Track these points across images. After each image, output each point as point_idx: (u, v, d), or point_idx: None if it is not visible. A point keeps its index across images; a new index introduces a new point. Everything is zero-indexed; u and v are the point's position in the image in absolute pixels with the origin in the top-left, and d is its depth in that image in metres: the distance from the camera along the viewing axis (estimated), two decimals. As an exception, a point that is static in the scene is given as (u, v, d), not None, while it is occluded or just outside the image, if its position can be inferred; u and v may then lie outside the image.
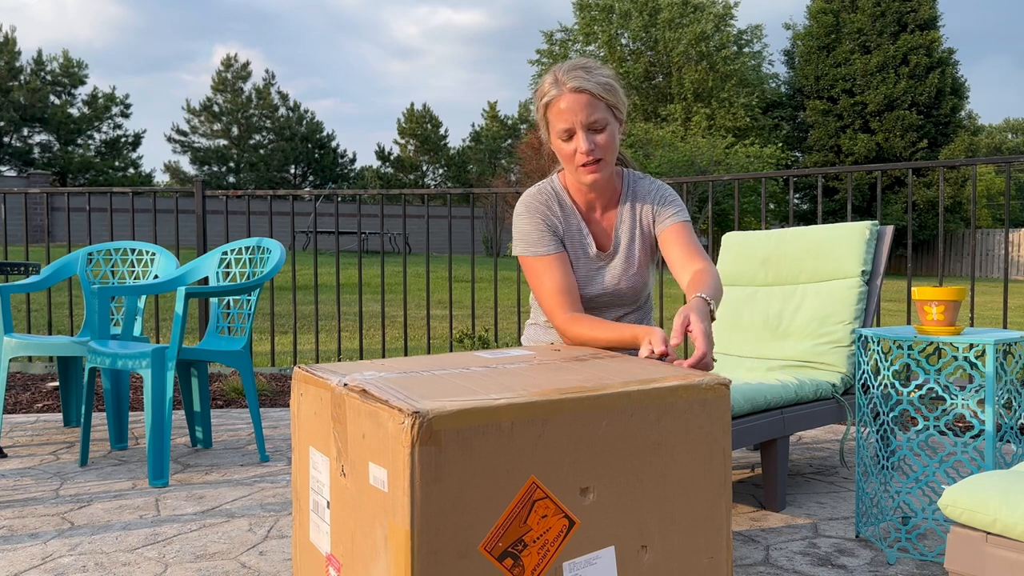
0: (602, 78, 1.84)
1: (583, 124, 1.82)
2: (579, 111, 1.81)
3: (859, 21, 25.87)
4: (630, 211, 1.98)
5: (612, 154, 1.87)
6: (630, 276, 1.98)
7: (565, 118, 1.82)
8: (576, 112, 1.81)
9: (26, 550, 2.10)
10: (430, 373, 1.27)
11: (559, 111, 1.83)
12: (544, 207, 1.95)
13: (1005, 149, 44.88)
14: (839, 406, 2.59)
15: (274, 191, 5.15)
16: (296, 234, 18.75)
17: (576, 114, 1.81)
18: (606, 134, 1.84)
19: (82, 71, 32.36)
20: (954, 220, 25.10)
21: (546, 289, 1.85)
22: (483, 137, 37.29)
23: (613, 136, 1.86)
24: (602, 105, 1.83)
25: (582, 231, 1.96)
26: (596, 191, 1.95)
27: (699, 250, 1.92)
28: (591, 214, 1.99)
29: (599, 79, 1.83)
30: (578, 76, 1.82)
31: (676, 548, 1.24)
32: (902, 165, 3.82)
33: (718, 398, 1.27)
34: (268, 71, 57.56)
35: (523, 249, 1.91)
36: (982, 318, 9.03)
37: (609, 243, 1.98)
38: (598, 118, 1.82)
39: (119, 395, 3.20)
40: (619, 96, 1.87)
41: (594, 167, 1.85)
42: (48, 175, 22.73)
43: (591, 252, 1.96)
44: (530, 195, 1.98)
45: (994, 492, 1.31)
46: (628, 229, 1.98)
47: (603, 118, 1.83)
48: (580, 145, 1.82)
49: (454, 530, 1.04)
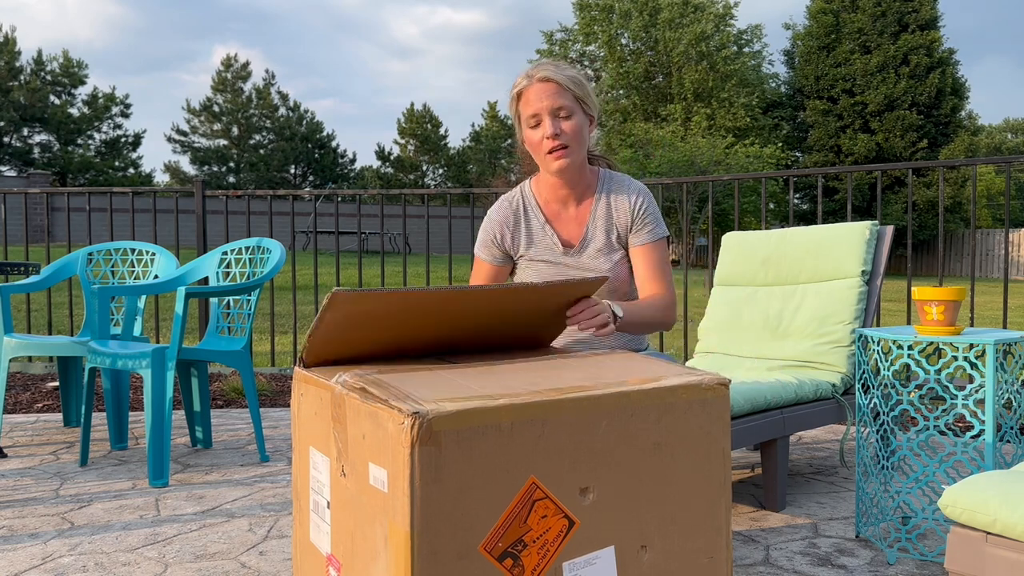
0: (571, 72, 1.93)
1: (549, 110, 1.89)
2: (545, 98, 1.88)
3: (859, 21, 25.87)
4: (605, 207, 2.02)
5: (579, 144, 1.93)
6: (608, 268, 2.01)
7: (532, 105, 1.90)
8: (543, 99, 1.89)
9: (26, 550, 2.10)
10: (430, 373, 1.27)
11: (527, 100, 1.91)
12: (500, 220, 2.05)
13: (1005, 149, 44.87)
14: (839, 406, 2.59)
15: (274, 191, 5.15)
16: (296, 234, 18.75)
17: (543, 100, 1.89)
18: (572, 122, 1.90)
19: (82, 71, 32.36)
20: (954, 220, 25.10)
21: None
22: (483, 137, 37.29)
23: (580, 126, 1.91)
24: (569, 95, 1.90)
25: (545, 230, 2.03)
26: (566, 181, 1.98)
27: (663, 274, 1.99)
28: (562, 211, 2.04)
29: (567, 73, 1.92)
30: (547, 68, 1.91)
31: (676, 548, 1.24)
32: (902, 165, 3.82)
33: (718, 398, 1.27)
34: (268, 71, 57.58)
35: (475, 246, 2.09)
36: (982, 318, 9.03)
37: (578, 239, 2.03)
38: (564, 104, 1.89)
39: (119, 395, 3.20)
40: (587, 91, 1.94)
41: (561, 152, 1.90)
42: (48, 175, 22.74)
43: (557, 248, 2.02)
44: (497, 204, 2.08)
45: (994, 492, 1.31)
46: (603, 224, 2.02)
47: (569, 106, 1.90)
48: (546, 129, 1.89)
49: (454, 530, 1.04)
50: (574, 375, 1.27)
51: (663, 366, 1.36)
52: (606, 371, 1.31)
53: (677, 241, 21.94)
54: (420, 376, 1.24)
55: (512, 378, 1.24)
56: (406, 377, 1.23)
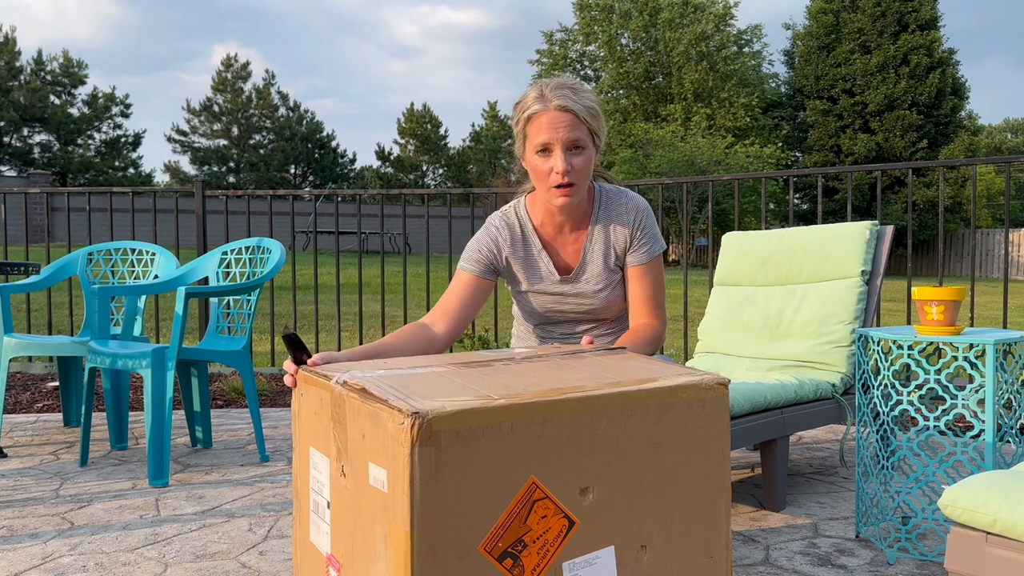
0: (588, 102, 1.82)
1: (563, 142, 1.79)
2: (561, 128, 1.78)
3: (859, 21, 25.87)
4: (602, 231, 1.96)
5: (585, 180, 1.85)
6: (605, 294, 1.97)
7: (544, 133, 1.80)
8: (557, 129, 1.78)
9: (26, 550, 2.10)
10: (430, 373, 1.27)
11: (539, 125, 1.81)
12: (496, 236, 1.98)
13: (1005, 149, 44.87)
14: (839, 406, 2.59)
15: (274, 191, 5.15)
16: (296, 234, 18.75)
17: (557, 131, 1.79)
18: (583, 158, 1.82)
19: (82, 71, 32.37)
20: (954, 220, 25.11)
21: (444, 295, 1.93)
22: (483, 137, 37.30)
23: (589, 162, 1.84)
24: (585, 128, 1.81)
25: (541, 257, 1.97)
26: (565, 213, 1.94)
27: (655, 300, 1.95)
28: (558, 236, 1.99)
29: (586, 102, 1.81)
30: (565, 95, 1.79)
31: (676, 548, 1.24)
32: (902, 165, 3.82)
33: (718, 398, 1.27)
34: (268, 71, 57.57)
35: (463, 260, 1.98)
36: (982, 318, 9.03)
37: (575, 264, 1.98)
38: (578, 138, 1.80)
39: (119, 395, 3.20)
40: (601, 123, 1.86)
41: (567, 191, 1.83)
42: (48, 175, 22.75)
43: (554, 277, 1.97)
44: (493, 219, 2.00)
45: (994, 492, 1.31)
46: (600, 248, 1.97)
47: (583, 139, 1.81)
48: (557, 164, 1.80)
49: (454, 530, 1.04)
50: (574, 375, 1.27)
51: (663, 366, 1.36)
52: (606, 371, 1.31)
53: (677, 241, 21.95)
54: (420, 376, 1.24)
55: (512, 378, 1.24)
56: (406, 377, 1.23)
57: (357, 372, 1.26)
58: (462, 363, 1.37)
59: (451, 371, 1.29)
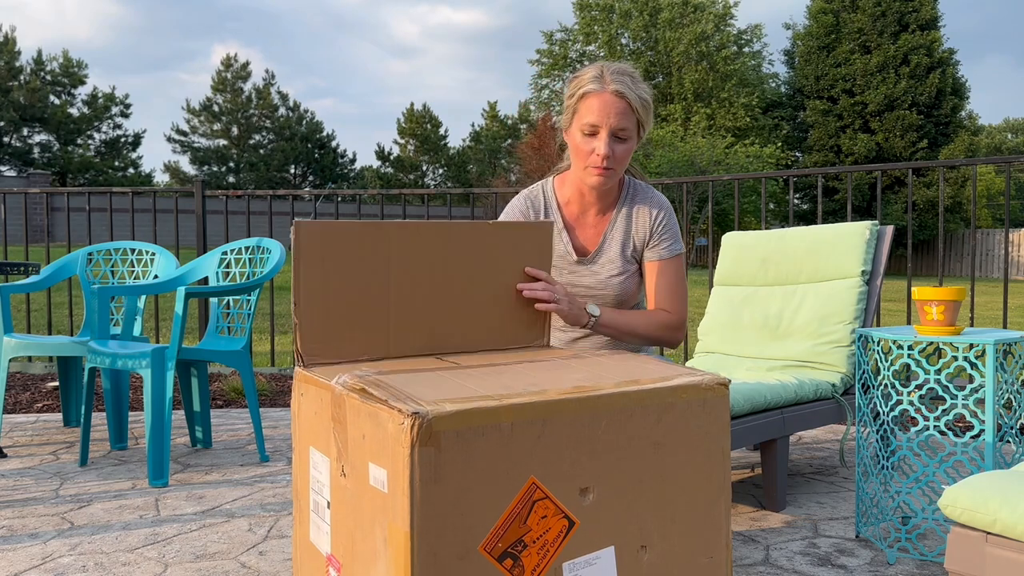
0: (643, 93, 1.87)
1: (612, 128, 1.83)
2: (613, 114, 1.82)
3: (859, 21, 25.88)
4: (625, 220, 2.00)
5: (623, 168, 1.90)
6: (619, 280, 1.99)
7: (595, 114, 1.83)
8: (610, 114, 1.82)
9: (26, 550, 2.10)
10: (430, 373, 1.27)
11: (591, 106, 1.84)
12: (525, 208, 2.02)
13: (1005, 149, 44.87)
14: (839, 406, 2.59)
15: (274, 191, 5.15)
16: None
17: (608, 115, 1.83)
18: (626, 147, 1.87)
19: (82, 71, 32.37)
20: (954, 220, 25.12)
21: None
22: (483, 137, 37.29)
23: (630, 151, 1.89)
24: (634, 119, 1.86)
25: (561, 236, 2.00)
26: (595, 194, 1.97)
27: (673, 292, 1.97)
28: (581, 217, 2.02)
29: (641, 93, 1.86)
30: (624, 82, 1.84)
31: (676, 548, 1.24)
32: (902, 165, 3.82)
33: (718, 398, 1.27)
34: (268, 71, 57.59)
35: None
36: (982, 318, 9.03)
37: (593, 247, 2.01)
38: (626, 127, 1.84)
39: (119, 395, 3.20)
40: (650, 116, 1.90)
41: (604, 172, 1.87)
42: (48, 175, 22.75)
43: (571, 257, 2.00)
44: (519, 196, 2.04)
45: (994, 492, 1.31)
46: (620, 236, 2.00)
47: (630, 130, 1.86)
48: (600, 147, 1.84)
49: (454, 531, 1.04)
50: (574, 375, 1.27)
51: (663, 366, 1.36)
52: (606, 371, 1.31)
53: (677, 241, 21.91)
54: (420, 376, 1.24)
55: (512, 378, 1.24)
56: (406, 377, 1.23)
57: (357, 372, 1.26)
58: (462, 363, 1.37)
59: (451, 371, 1.29)
